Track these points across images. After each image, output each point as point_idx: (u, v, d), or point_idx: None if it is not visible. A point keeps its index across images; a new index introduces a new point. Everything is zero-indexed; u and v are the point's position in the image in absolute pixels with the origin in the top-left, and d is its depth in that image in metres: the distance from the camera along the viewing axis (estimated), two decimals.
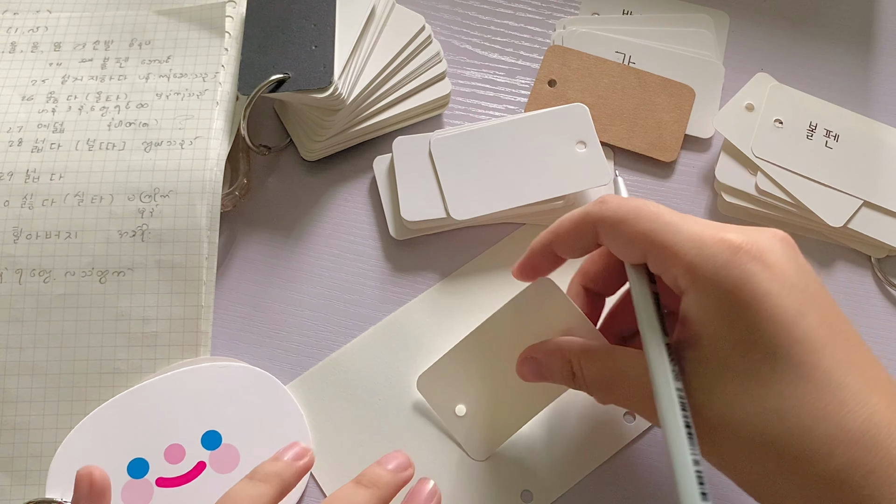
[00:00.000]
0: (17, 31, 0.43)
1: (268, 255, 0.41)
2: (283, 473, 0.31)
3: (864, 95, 0.45)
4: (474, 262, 0.40)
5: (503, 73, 0.46)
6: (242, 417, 0.36)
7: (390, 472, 0.32)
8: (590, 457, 0.36)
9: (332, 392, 0.37)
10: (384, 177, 0.42)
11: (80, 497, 0.30)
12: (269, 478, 0.31)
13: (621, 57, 0.45)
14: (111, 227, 0.38)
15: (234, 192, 0.40)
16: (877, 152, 0.42)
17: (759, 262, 0.27)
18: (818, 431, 0.25)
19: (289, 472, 0.31)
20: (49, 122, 0.40)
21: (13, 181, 0.38)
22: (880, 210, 0.41)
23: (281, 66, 0.39)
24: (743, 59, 0.46)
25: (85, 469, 0.30)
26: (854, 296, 0.41)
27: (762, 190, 0.41)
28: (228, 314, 0.39)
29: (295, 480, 0.32)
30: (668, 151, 0.43)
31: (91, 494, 0.30)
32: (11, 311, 0.37)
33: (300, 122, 0.42)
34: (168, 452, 0.35)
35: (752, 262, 0.26)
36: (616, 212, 0.29)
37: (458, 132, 0.41)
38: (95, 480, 0.30)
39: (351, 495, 0.31)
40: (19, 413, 0.36)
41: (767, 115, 0.42)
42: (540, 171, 0.40)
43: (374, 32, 0.41)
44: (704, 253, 0.27)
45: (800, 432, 0.25)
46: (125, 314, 0.37)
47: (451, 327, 0.39)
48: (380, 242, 0.41)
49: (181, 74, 0.41)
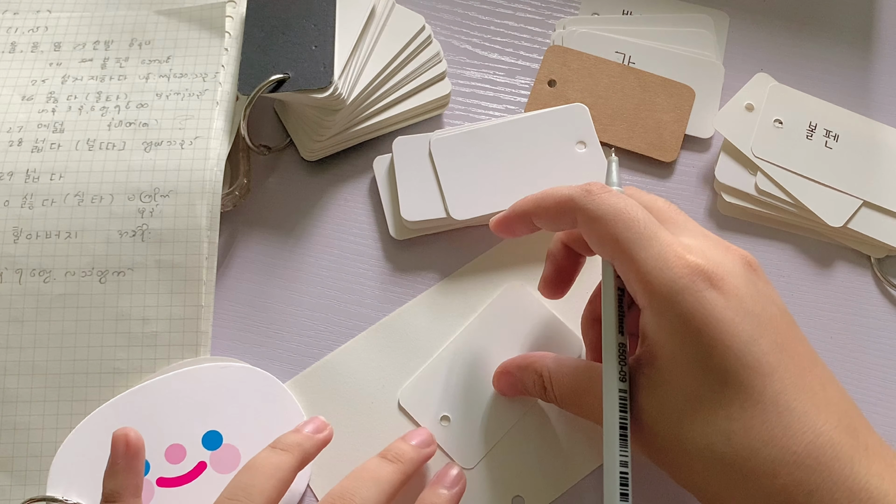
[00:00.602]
0: (17, 31, 0.43)
1: (268, 255, 0.41)
2: (303, 444, 0.32)
3: (864, 95, 0.45)
4: (473, 263, 0.40)
5: (503, 73, 0.46)
6: (243, 418, 0.36)
7: (414, 448, 0.34)
8: (581, 462, 0.36)
9: (324, 395, 0.37)
10: (384, 177, 0.42)
11: (118, 456, 0.31)
12: (290, 447, 0.32)
13: (621, 57, 0.45)
14: (111, 227, 0.38)
15: (234, 192, 0.40)
16: (877, 152, 0.42)
17: (716, 289, 0.27)
18: (764, 454, 0.26)
19: (309, 444, 0.33)
20: (49, 122, 0.40)
21: (13, 181, 0.38)
22: (880, 210, 0.41)
23: (281, 66, 0.39)
24: (743, 59, 0.46)
25: (121, 430, 0.32)
26: (854, 296, 0.41)
27: (762, 190, 0.41)
28: (228, 314, 0.39)
29: (315, 451, 0.33)
30: (668, 151, 0.43)
31: (127, 453, 0.31)
32: (11, 311, 0.37)
33: (300, 122, 0.42)
34: (169, 452, 0.35)
35: (708, 289, 0.27)
36: (596, 209, 0.30)
37: (458, 132, 0.41)
38: (131, 440, 0.31)
39: (377, 468, 0.32)
40: (19, 413, 0.36)
41: (767, 115, 0.42)
42: (540, 171, 0.40)
43: (374, 32, 0.41)
44: (665, 275, 0.27)
45: (746, 454, 0.26)
46: (125, 314, 0.37)
47: (445, 331, 0.39)
48: (380, 242, 0.41)
49: (181, 74, 0.41)
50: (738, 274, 0.28)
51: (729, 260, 0.29)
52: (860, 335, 0.40)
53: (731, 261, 0.29)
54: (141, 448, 0.32)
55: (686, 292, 0.27)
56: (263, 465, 0.31)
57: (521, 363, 0.35)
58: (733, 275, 0.28)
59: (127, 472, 0.31)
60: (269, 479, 0.30)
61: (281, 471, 0.31)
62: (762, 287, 0.29)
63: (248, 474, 0.31)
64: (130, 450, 0.31)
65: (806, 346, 0.29)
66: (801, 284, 0.41)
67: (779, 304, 0.29)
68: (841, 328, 0.40)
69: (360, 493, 0.31)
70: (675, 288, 0.27)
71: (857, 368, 0.39)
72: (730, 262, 0.29)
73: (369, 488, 0.31)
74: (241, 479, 0.30)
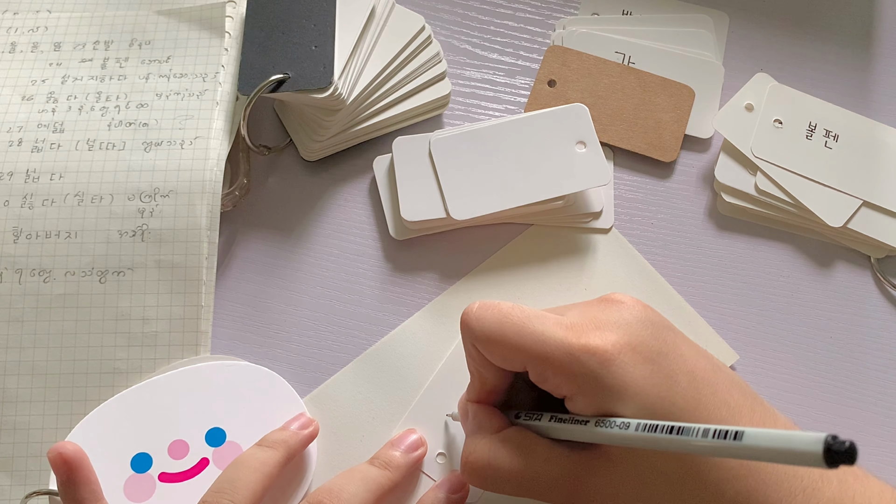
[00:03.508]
0: (17, 31, 0.43)
1: (268, 255, 0.41)
2: (289, 441, 0.34)
3: (864, 95, 0.45)
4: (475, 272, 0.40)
5: (503, 73, 0.46)
6: (247, 415, 0.36)
7: (402, 454, 0.35)
8: None
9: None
10: (384, 177, 0.42)
11: (61, 474, 0.32)
12: (276, 444, 0.33)
13: (621, 57, 0.45)
14: (111, 226, 0.38)
15: (234, 192, 0.40)
16: (877, 152, 0.42)
17: (622, 360, 0.28)
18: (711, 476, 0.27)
19: (294, 440, 0.34)
20: (49, 122, 0.40)
21: (13, 181, 0.38)
22: (880, 210, 0.41)
23: (281, 66, 0.39)
24: (743, 59, 0.46)
25: (53, 449, 0.32)
26: (854, 296, 0.41)
27: (762, 190, 0.41)
28: (228, 314, 0.39)
29: (300, 447, 0.35)
30: (668, 151, 0.43)
31: (69, 468, 0.32)
32: (11, 311, 0.37)
33: (300, 122, 0.42)
34: (172, 448, 0.35)
35: (616, 363, 0.28)
36: (481, 330, 0.30)
37: (458, 132, 0.41)
38: (67, 454, 0.32)
39: (367, 470, 0.33)
40: (19, 413, 0.36)
41: (767, 116, 0.42)
42: (540, 171, 0.40)
43: (374, 32, 0.41)
44: (578, 363, 0.28)
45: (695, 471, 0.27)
46: (125, 314, 0.37)
47: (434, 358, 0.38)
48: (380, 242, 0.41)
49: (181, 74, 0.41)
50: (633, 322, 0.29)
51: (615, 320, 0.29)
52: (860, 335, 0.40)
53: (616, 322, 0.29)
54: (81, 457, 0.32)
55: (601, 377, 0.28)
56: (249, 461, 0.32)
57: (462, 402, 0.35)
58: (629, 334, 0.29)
59: (77, 484, 0.32)
60: (254, 473, 0.32)
61: (266, 465, 0.32)
62: (655, 320, 0.29)
63: (233, 469, 0.32)
64: (71, 463, 0.32)
65: (707, 358, 0.29)
66: (801, 284, 0.41)
67: (669, 327, 0.30)
68: (841, 328, 0.40)
69: (348, 488, 0.32)
70: (592, 374, 0.28)
71: (857, 368, 0.39)
72: (617, 328, 0.29)
73: (357, 486, 0.32)
74: (227, 474, 0.32)
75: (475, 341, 0.30)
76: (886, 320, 0.40)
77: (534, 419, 0.30)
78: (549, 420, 0.30)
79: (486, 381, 0.32)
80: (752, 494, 0.26)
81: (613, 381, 0.27)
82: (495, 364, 0.30)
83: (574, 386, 0.28)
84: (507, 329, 0.29)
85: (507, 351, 0.29)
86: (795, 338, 0.40)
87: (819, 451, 0.20)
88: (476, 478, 0.30)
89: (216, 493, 0.31)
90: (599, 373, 0.27)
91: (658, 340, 0.29)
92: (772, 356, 0.40)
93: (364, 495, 0.32)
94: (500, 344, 0.29)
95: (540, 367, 0.29)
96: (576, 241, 0.41)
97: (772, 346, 0.40)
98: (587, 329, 0.29)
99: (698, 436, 0.24)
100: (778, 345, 0.40)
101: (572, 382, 0.28)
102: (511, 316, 0.29)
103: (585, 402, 0.28)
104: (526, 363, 0.29)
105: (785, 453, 0.21)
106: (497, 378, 0.31)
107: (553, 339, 0.28)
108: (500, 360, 0.30)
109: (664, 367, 0.28)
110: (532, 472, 0.29)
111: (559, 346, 0.28)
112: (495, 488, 0.30)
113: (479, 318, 0.30)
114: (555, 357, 0.28)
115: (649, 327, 0.29)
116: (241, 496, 0.31)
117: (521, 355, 0.29)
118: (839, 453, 0.19)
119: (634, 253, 0.41)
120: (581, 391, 0.28)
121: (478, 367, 0.31)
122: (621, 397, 0.27)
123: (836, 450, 0.19)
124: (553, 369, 0.28)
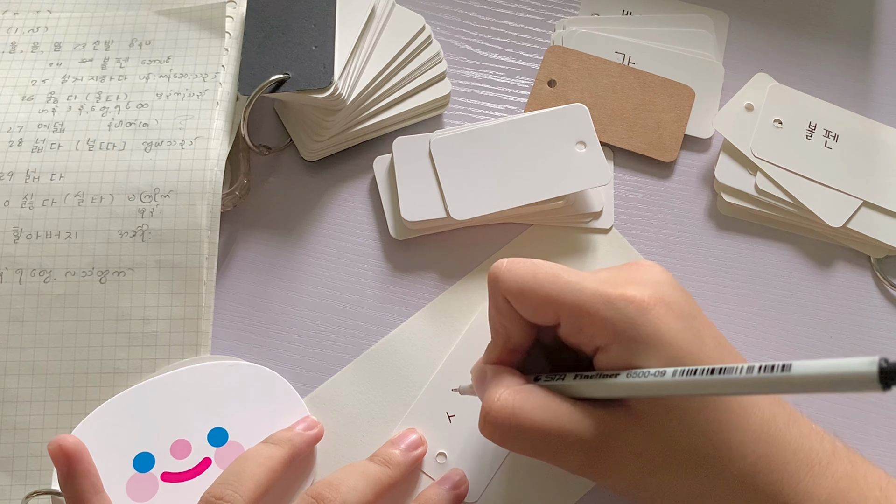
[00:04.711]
0: (17, 31, 0.43)
1: (268, 255, 0.41)
2: (294, 440, 0.35)
3: (864, 95, 0.45)
4: (475, 272, 0.40)
5: (503, 73, 0.46)
6: (250, 415, 0.36)
7: (402, 452, 0.35)
8: (576, 484, 0.36)
9: None
10: (384, 177, 0.42)
11: (62, 465, 0.32)
12: (281, 442, 0.34)
13: (621, 57, 0.45)
14: (111, 227, 0.38)
15: (234, 192, 0.40)
16: (876, 152, 0.42)
17: (657, 311, 0.28)
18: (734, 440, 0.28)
19: (299, 440, 0.35)
20: (49, 122, 0.40)
21: (13, 181, 0.38)
22: (880, 210, 0.41)
23: (281, 66, 0.39)
24: (743, 59, 0.46)
25: (53, 442, 0.32)
26: (854, 296, 0.41)
27: (762, 190, 0.41)
28: (228, 314, 0.39)
29: (305, 447, 0.35)
30: (668, 151, 0.43)
31: (70, 461, 0.32)
32: (11, 311, 0.37)
33: (300, 122, 0.42)
34: (174, 448, 0.35)
35: (653, 313, 0.28)
36: (514, 281, 0.30)
37: (458, 132, 0.41)
38: (67, 447, 0.32)
39: (367, 465, 0.34)
40: (19, 413, 0.36)
41: (767, 116, 0.42)
42: (540, 171, 0.40)
43: (374, 32, 0.41)
44: (615, 310, 0.28)
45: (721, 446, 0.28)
46: (125, 314, 0.37)
47: (434, 357, 0.38)
48: (380, 242, 0.41)
49: (181, 74, 0.41)
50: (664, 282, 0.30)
51: (653, 278, 0.30)
52: (860, 335, 0.40)
53: (654, 279, 0.30)
54: (80, 449, 0.33)
55: (639, 324, 0.28)
56: (255, 456, 0.33)
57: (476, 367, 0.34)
58: (662, 285, 0.29)
59: (77, 476, 0.32)
60: (258, 466, 0.32)
61: (271, 460, 0.33)
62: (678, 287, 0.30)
63: (239, 463, 0.33)
64: (71, 456, 0.32)
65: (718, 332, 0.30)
66: (801, 284, 0.41)
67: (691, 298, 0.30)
68: (841, 328, 0.40)
69: (348, 482, 0.32)
70: (629, 321, 0.28)
71: None
72: (655, 279, 0.30)
73: (357, 480, 0.32)
74: (233, 466, 0.33)
75: (508, 293, 0.30)
76: (886, 320, 0.40)
77: (556, 379, 0.30)
78: (573, 378, 0.29)
79: (511, 339, 0.31)
80: (773, 459, 0.27)
81: (649, 329, 0.27)
82: (525, 317, 0.30)
83: (610, 335, 0.28)
84: (542, 279, 0.29)
85: (542, 300, 0.29)
86: (795, 338, 0.40)
87: (874, 370, 0.19)
88: (497, 429, 0.29)
89: (221, 484, 0.31)
90: (637, 320, 0.28)
91: (688, 303, 0.29)
92: (772, 356, 0.40)
93: (363, 489, 0.32)
94: (534, 294, 0.29)
95: (575, 315, 0.29)
96: (576, 241, 0.41)
97: (772, 346, 0.40)
98: (621, 283, 0.29)
99: (742, 373, 0.23)
100: (778, 345, 0.40)
101: (608, 331, 0.28)
102: (544, 267, 0.30)
103: (620, 350, 0.28)
104: (560, 313, 0.29)
105: (838, 379, 0.20)
106: (522, 335, 0.31)
107: (589, 288, 0.29)
108: (532, 312, 0.30)
109: (695, 326, 0.28)
110: (558, 426, 0.28)
111: (596, 293, 0.28)
112: (516, 443, 0.29)
113: (510, 269, 0.30)
114: (591, 304, 0.28)
115: (679, 290, 0.30)
116: (245, 488, 0.31)
117: (555, 305, 0.29)
118: (894, 373, 0.19)
119: (634, 253, 0.41)
120: (617, 339, 0.28)
121: (504, 323, 0.31)
122: (655, 347, 0.27)
123: (891, 370, 0.19)
124: (589, 317, 0.28)
